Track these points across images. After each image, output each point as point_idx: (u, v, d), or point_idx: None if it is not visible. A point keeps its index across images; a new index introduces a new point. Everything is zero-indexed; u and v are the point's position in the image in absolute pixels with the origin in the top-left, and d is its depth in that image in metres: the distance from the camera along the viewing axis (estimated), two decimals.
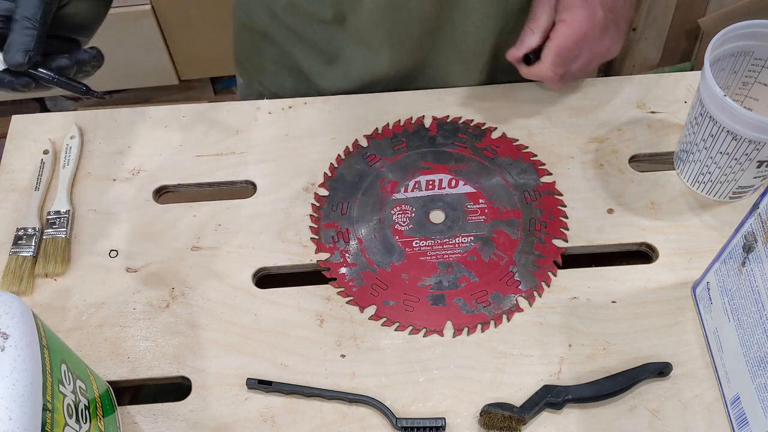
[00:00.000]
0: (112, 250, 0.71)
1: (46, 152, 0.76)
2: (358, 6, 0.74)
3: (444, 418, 0.60)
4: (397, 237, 0.70)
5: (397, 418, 0.60)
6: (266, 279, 0.70)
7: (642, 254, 0.71)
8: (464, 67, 0.81)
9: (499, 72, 0.83)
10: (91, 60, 0.60)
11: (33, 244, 0.70)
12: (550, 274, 0.68)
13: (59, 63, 0.58)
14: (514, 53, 0.72)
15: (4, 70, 0.56)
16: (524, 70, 0.72)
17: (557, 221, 0.71)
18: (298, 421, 0.61)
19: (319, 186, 0.74)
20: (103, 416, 0.55)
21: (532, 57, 0.71)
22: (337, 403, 0.62)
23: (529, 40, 0.71)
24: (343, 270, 0.69)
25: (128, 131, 0.79)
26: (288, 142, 0.77)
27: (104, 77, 1.76)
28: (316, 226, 0.72)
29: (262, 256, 0.70)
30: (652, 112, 0.78)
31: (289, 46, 0.84)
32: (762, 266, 0.53)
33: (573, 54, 0.69)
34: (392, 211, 0.72)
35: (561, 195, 0.73)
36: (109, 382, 0.62)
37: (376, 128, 0.78)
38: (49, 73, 0.57)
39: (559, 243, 0.70)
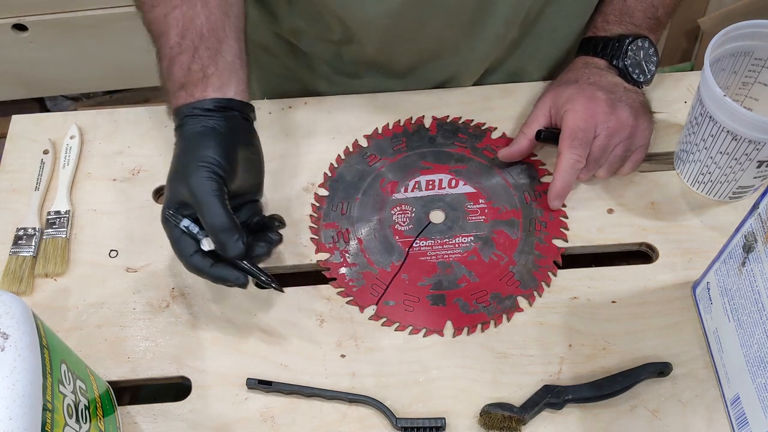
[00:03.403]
0: (112, 250, 0.71)
1: (46, 152, 0.76)
2: (365, 28, 0.74)
3: (444, 418, 0.60)
4: (397, 237, 0.70)
5: (397, 418, 0.60)
6: None
7: (642, 254, 0.71)
8: (472, 69, 0.81)
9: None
10: (278, 242, 0.63)
11: (33, 244, 0.70)
12: (550, 274, 0.68)
13: (258, 252, 0.61)
14: (505, 153, 0.73)
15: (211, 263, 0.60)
16: (557, 180, 0.70)
17: (557, 221, 0.71)
18: (298, 421, 0.61)
19: (319, 186, 0.74)
20: (103, 416, 0.55)
21: (542, 134, 0.71)
22: (337, 403, 0.62)
23: (519, 140, 0.72)
24: (343, 270, 0.69)
25: (128, 131, 0.79)
26: (288, 142, 0.77)
27: (104, 77, 1.76)
28: (316, 226, 0.72)
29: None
30: (652, 112, 0.78)
31: (292, 60, 0.84)
32: (762, 266, 0.53)
33: (588, 134, 0.68)
34: (392, 211, 0.72)
35: None
36: (109, 382, 0.62)
37: (376, 128, 0.78)
38: (250, 266, 0.60)
39: (559, 243, 0.70)
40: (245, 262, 0.59)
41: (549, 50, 0.82)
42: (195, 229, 0.60)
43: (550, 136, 0.71)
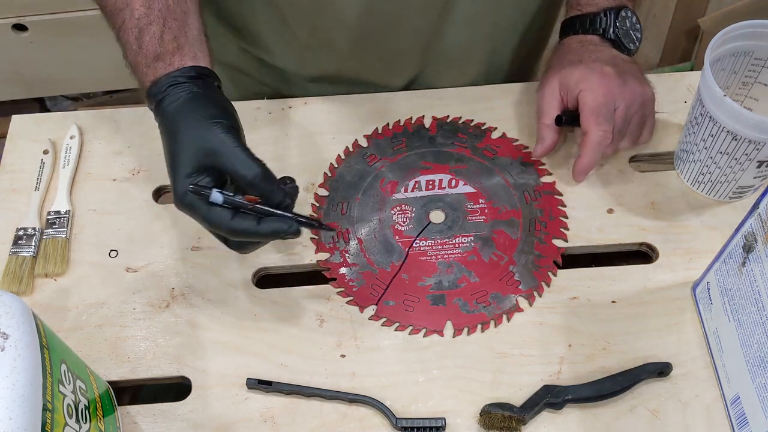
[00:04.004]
0: (112, 250, 0.71)
1: (46, 152, 0.76)
2: (339, 27, 0.73)
3: (444, 418, 0.60)
4: (397, 237, 0.70)
5: (397, 418, 0.60)
6: (266, 279, 0.70)
7: (642, 254, 0.71)
8: (455, 73, 0.81)
9: (492, 74, 0.83)
10: (296, 192, 0.59)
11: (33, 244, 0.70)
12: (550, 274, 0.68)
13: (286, 202, 0.57)
14: (539, 150, 0.73)
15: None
16: (584, 156, 0.70)
17: (557, 221, 0.71)
18: (298, 421, 0.61)
19: (319, 186, 0.74)
20: (103, 416, 0.55)
21: (564, 118, 0.71)
22: (337, 403, 0.62)
23: (545, 133, 0.72)
24: (343, 270, 0.69)
25: (128, 131, 0.79)
26: (288, 142, 0.77)
27: (104, 77, 1.75)
28: None
29: (262, 256, 0.70)
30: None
31: (265, 75, 0.84)
32: (762, 266, 0.53)
33: (609, 108, 0.69)
34: (392, 211, 0.72)
35: (561, 195, 0.73)
36: (109, 382, 0.62)
37: (376, 128, 0.78)
38: (292, 212, 0.57)
39: (559, 243, 0.70)
40: (285, 211, 0.56)
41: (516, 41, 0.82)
42: (226, 193, 0.55)
43: (571, 119, 0.71)
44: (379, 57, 0.78)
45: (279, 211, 0.56)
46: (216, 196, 0.55)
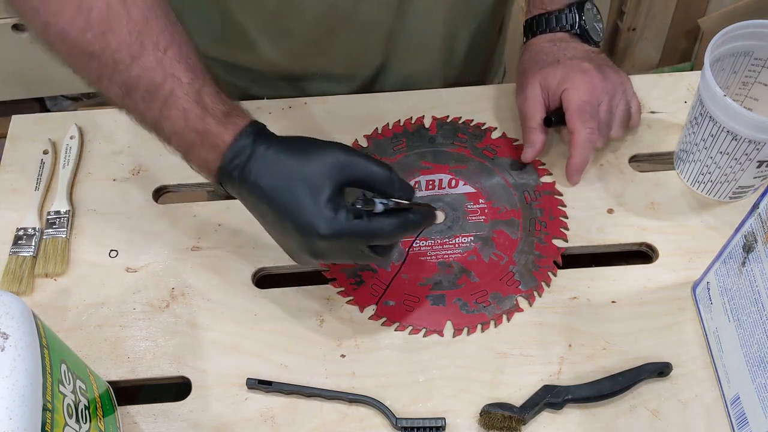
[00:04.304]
0: (112, 250, 0.71)
1: (46, 152, 0.76)
2: (300, 20, 0.72)
3: (444, 418, 0.60)
4: None
5: (397, 418, 0.60)
6: (266, 279, 0.70)
7: (642, 254, 0.71)
8: (421, 63, 0.82)
9: (450, 61, 0.84)
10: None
11: (33, 244, 0.70)
12: (550, 274, 0.68)
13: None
14: (529, 155, 0.73)
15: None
16: (576, 156, 0.71)
17: (557, 221, 0.71)
18: (298, 421, 0.61)
19: None
20: (103, 416, 0.55)
21: (553, 119, 0.72)
22: (337, 403, 0.62)
23: (534, 136, 0.72)
24: (343, 270, 0.69)
25: (128, 131, 0.79)
26: None
27: None
28: None
29: (262, 256, 0.70)
30: (652, 112, 0.78)
31: (233, 77, 0.83)
32: (762, 266, 0.53)
33: (593, 105, 0.70)
34: None
35: (561, 195, 0.73)
36: (109, 382, 0.62)
37: (376, 128, 0.78)
38: (417, 202, 0.57)
39: (559, 243, 0.70)
40: (408, 201, 0.56)
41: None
42: (378, 198, 0.54)
43: (559, 118, 0.71)
44: (344, 52, 0.78)
45: (422, 202, 0.57)
46: (379, 205, 0.54)
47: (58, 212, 0.72)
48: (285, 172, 0.53)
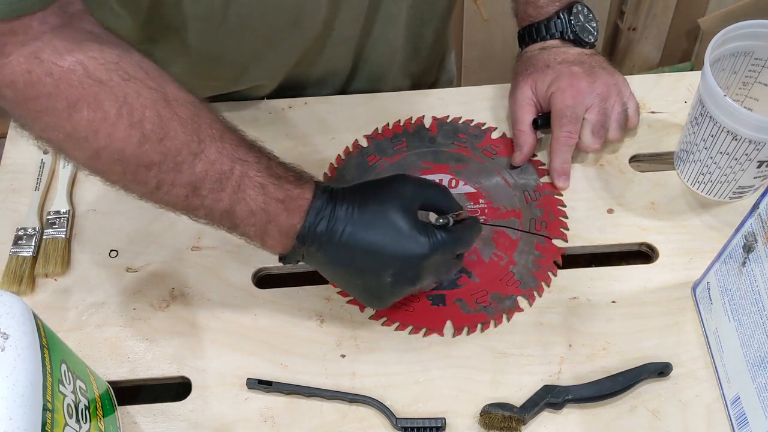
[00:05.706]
0: (112, 250, 0.71)
1: (46, 152, 0.76)
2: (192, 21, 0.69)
3: (444, 418, 0.60)
4: None
5: (397, 418, 0.60)
6: (266, 279, 0.70)
7: (642, 254, 0.71)
8: (388, 63, 0.82)
9: (416, 50, 0.84)
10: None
11: (33, 244, 0.70)
12: (550, 274, 0.68)
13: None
14: (518, 158, 0.74)
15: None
16: (553, 158, 0.73)
17: (557, 221, 0.71)
18: (298, 421, 0.61)
19: None
20: (103, 416, 0.55)
21: (539, 121, 0.73)
22: (337, 403, 0.62)
23: (522, 139, 0.74)
24: None
25: None
26: (288, 142, 0.77)
27: None
28: None
29: (262, 256, 0.69)
30: (652, 112, 0.78)
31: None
32: (762, 266, 0.53)
33: (576, 110, 0.70)
34: None
35: (561, 195, 0.73)
36: (109, 382, 0.62)
37: (376, 128, 0.78)
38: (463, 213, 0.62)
39: (559, 243, 0.70)
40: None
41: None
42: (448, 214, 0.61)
43: (545, 121, 0.73)
44: (321, 66, 0.79)
45: (471, 214, 0.63)
46: (450, 220, 0.61)
47: (58, 212, 0.72)
48: (373, 220, 0.57)
